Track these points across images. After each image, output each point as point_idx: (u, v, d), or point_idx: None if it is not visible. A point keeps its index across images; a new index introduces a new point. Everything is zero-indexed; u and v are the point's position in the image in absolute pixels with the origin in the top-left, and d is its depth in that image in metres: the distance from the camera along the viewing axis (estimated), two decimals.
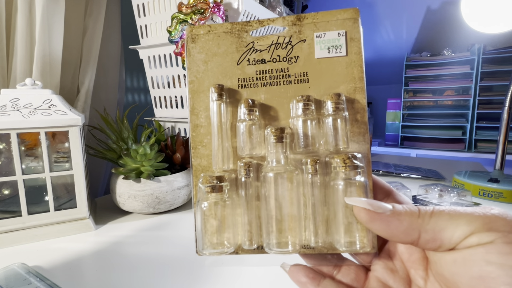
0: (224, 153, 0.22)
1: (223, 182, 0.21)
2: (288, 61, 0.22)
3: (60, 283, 0.32)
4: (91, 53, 0.67)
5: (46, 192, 0.44)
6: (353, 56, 0.21)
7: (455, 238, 0.16)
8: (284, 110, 0.22)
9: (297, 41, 0.22)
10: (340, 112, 0.21)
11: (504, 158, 0.61)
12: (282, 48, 0.22)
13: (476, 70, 1.65)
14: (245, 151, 0.21)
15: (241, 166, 0.21)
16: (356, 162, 0.19)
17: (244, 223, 0.21)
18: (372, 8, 2.04)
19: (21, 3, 0.54)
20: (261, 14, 0.67)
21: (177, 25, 0.53)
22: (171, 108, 0.68)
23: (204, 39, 0.22)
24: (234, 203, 0.21)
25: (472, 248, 0.15)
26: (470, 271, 0.15)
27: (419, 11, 1.92)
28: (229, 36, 0.22)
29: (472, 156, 1.64)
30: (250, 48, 0.22)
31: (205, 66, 0.22)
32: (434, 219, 0.16)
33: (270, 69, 0.22)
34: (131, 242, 0.43)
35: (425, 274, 0.18)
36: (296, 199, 0.20)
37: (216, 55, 0.22)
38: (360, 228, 0.19)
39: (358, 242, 0.19)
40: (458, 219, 0.16)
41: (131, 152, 0.50)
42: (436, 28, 1.90)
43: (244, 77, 0.22)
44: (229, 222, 0.21)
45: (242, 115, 0.22)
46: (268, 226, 0.20)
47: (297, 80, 0.22)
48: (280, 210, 0.20)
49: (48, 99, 0.45)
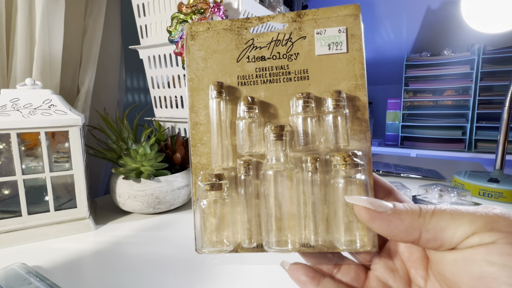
0: (223, 151, 0.22)
1: (223, 180, 0.20)
2: (288, 58, 0.22)
3: (60, 283, 0.32)
4: (91, 53, 0.67)
5: (46, 192, 0.44)
6: (354, 53, 0.21)
7: (456, 238, 0.16)
8: (284, 107, 0.22)
9: (297, 38, 0.21)
10: (341, 110, 0.20)
11: (504, 158, 0.61)
12: (282, 45, 0.22)
13: (476, 70, 1.65)
14: (244, 149, 0.21)
15: (240, 164, 0.21)
16: (356, 160, 0.19)
17: (243, 221, 0.21)
18: (372, 8, 2.04)
19: (21, 3, 0.54)
20: (261, 14, 0.67)
21: (177, 25, 0.53)
22: (171, 108, 0.68)
23: (204, 36, 0.22)
24: (234, 201, 0.21)
25: (474, 248, 0.15)
26: (471, 271, 0.15)
27: (419, 11, 1.92)
28: (228, 33, 0.22)
29: (472, 156, 1.64)
30: (250, 45, 0.22)
31: (205, 63, 0.22)
32: (435, 218, 0.16)
33: (270, 66, 0.22)
34: (131, 242, 0.43)
35: (426, 273, 0.18)
36: (296, 197, 0.20)
37: (216, 52, 0.22)
38: (360, 226, 0.19)
39: (358, 241, 0.19)
40: (459, 219, 0.16)
41: (131, 152, 0.50)
42: (436, 28, 1.90)
43: (243, 75, 0.22)
44: (228, 220, 0.21)
45: (241, 112, 0.21)
46: (268, 225, 0.20)
47: (297, 77, 0.21)
48: (280, 209, 0.20)
49: (48, 99, 0.45)
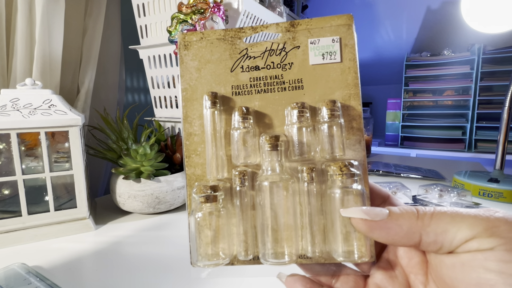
0: (218, 161, 0.21)
1: (217, 192, 0.20)
2: (282, 68, 0.22)
3: (60, 283, 0.32)
4: (91, 53, 0.67)
5: (46, 192, 0.44)
6: (347, 63, 0.21)
7: (456, 241, 0.15)
8: (279, 117, 0.22)
9: (291, 47, 0.22)
10: (336, 119, 0.20)
11: (504, 158, 0.61)
12: (276, 55, 0.22)
13: (476, 70, 1.65)
14: (239, 160, 0.21)
15: (235, 175, 0.21)
16: (353, 170, 0.19)
17: (239, 233, 0.21)
18: (372, 8, 2.04)
19: (21, 3, 0.54)
20: (261, 14, 0.67)
21: (177, 25, 0.53)
22: (171, 108, 0.68)
23: (197, 46, 0.22)
24: (229, 213, 0.21)
25: (471, 253, 0.15)
26: (468, 277, 0.15)
27: (419, 11, 1.92)
28: (222, 43, 0.22)
29: (472, 156, 1.64)
30: (243, 55, 0.22)
31: (198, 73, 0.22)
32: (435, 221, 0.16)
33: (264, 76, 0.22)
34: (131, 242, 0.43)
35: (425, 279, 0.18)
36: (292, 208, 0.20)
37: (209, 62, 0.22)
38: (358, 237, 0.19)
39: (356, 251, 0.19)
40: (460, 222, 0.16)
41: (131, 152, 0.50)
42: (436, 28, 1.90)
43: (238, 84, 0.22)
44: (224, 232, 0.20)
45: (236, 123, 0.21)
46: (264, 236, 0.20)
47: (292, 87, 0.22)
48: (276, 220, 0.20)
49: (48, 99, 0.45)
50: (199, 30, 0.52)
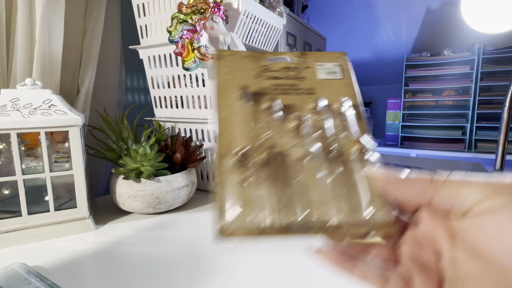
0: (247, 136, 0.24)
1: (251, 158, 0.22)
2: (297, 79, 0.27)
3: (60, 283, 0.32)
4: (91, 53, 0.67)
5: (46, 192, 0.44)
6: (347, 80, 0.27)
7: (467, 203, 0.16)
8: (299, 109, 0.25)
9: (303, 67, 0.28)
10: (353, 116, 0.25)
11: (504, 158, 0.61)
12: (291, 71, 0.28)
13: (476, 70, 1.65)
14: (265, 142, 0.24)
15: (262, 152, 0.23)
16: (366, 144, 0.22)
17: (268, 201, 0.22)
18: (372, 8, 2.04)
19: (21, 3, 0.54)
20: (261, 14, 0.67)
21: (177, 25, 0.53)
22: (171, 108, 0.68)
23: (229, 58, 0.28)
24: (258, 181, 0.22)
25: (485, 214, 0.16)
26: (490, 236, 0.15)
27: (419, 11, 1.92)
28: (247, 59, 0.28)
29: (472, 156, 1.64)
30: (265, 68, 0.27)
31: (229, 75, 0.27)
32: (447, 184, 0.17)
33: (283, 84, 0.27)
34: (131, 242, 0.43)
35: (452, 245, 0.19)
36: (317, 178, 0.22)
37: (238, 70, 0.27)
38: (379, 203, 0.20)
39: (379, 216, 0.20)
40: (470, 186, 0.17)
41: (131, 152, 0.50)
42: (436, 28, 1.90)
43: (261, 87, 0.26)
44: (252, 201, 0.21)
45: (265, 111, 0.24)
46: (294, 205, 0.21)
47: (306, 92, 0.26)
48: (304, 190, 0.21)
49: (48, 99, 0.45)
50: (199, 30, 0.52)
